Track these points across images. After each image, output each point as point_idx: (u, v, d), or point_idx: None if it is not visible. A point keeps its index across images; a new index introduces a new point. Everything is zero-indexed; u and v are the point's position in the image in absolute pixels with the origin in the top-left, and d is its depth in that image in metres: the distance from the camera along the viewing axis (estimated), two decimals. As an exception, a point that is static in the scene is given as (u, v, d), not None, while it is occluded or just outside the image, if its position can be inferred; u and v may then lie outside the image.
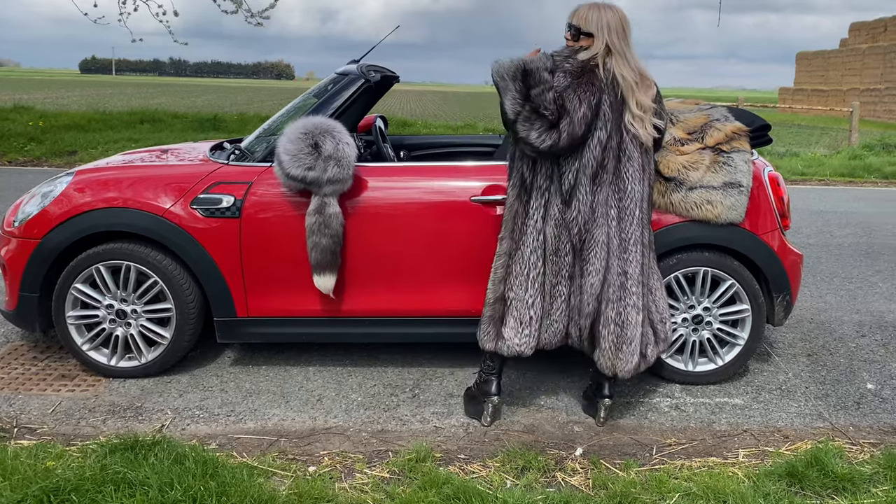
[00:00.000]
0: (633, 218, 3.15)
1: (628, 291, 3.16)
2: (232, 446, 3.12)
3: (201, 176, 3.65)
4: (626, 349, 3.17)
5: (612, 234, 3.14)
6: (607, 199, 3.12)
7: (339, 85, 3.83)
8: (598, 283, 3.15)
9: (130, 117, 16.18)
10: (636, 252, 3.17)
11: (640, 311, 3.19)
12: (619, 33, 3.08)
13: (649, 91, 3.13)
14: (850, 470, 2.94)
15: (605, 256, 3.14)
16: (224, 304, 3.65)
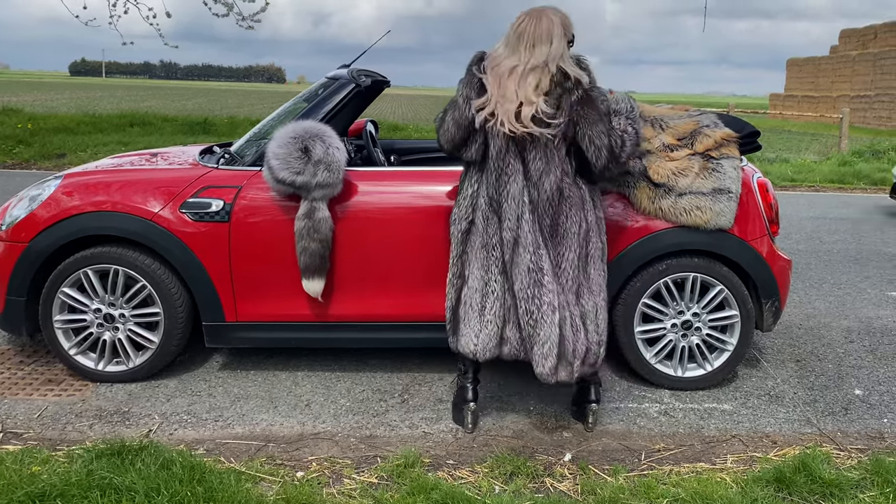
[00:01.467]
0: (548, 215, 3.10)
1: (544, 288, 3.08)
2: (220, 451, 3.11)
3: (190, 180, 3.64)
4: (538, 350, 3.10)
5: (527, 229, 3.08)
6: (522, 193, 3.08)
7: (330, 89, 3.83)
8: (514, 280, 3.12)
9: (120, 120, 16.14)
10: (552, 250, 3.12)
11: (555, 311, 3.08)
12: (508, 37, 3.09)
13: (524, 84, 3.00)
14: (838, 476, 2.95)
15: (513, 252, 3.10)
16: (212, 309, 3.64)
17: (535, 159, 3.06)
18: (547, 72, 3.01)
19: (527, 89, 2.99)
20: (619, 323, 3.75)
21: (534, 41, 3.02)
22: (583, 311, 3.17)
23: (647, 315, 3.77)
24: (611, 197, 3.67)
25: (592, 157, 3.06)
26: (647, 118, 3.93)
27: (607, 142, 3.05)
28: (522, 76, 3.00)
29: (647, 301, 3.74)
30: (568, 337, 3.11)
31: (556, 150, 3.07)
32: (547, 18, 3.05)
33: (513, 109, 2.98)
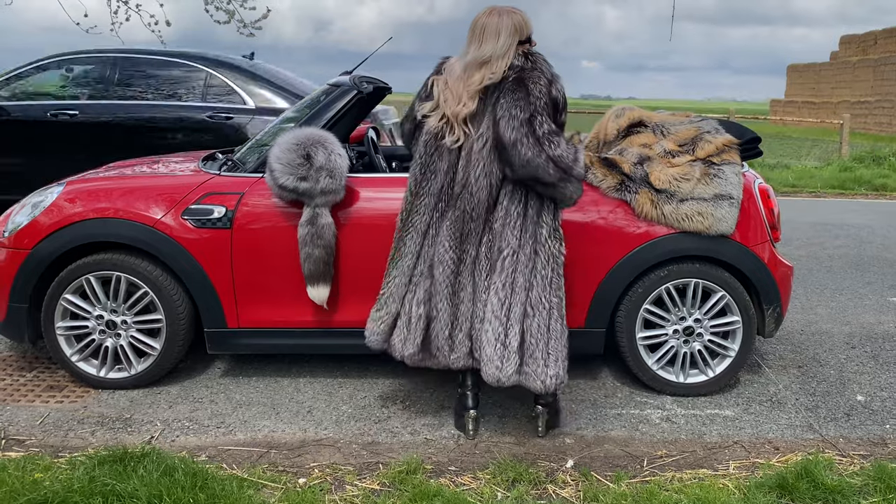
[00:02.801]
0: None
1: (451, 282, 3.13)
2: (222, 458, 3.11)
3: (193, 186, 3.65)
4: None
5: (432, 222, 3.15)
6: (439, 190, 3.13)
7: (332, 96, 3.84)
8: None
9: (122, 127, 16.16)
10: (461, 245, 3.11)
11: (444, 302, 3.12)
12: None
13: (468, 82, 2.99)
14: (840, 482, 2.95)
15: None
16: (214, 315, 3.64)
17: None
18: (489, 68, 2.95)
19: (468, 88, 2.96)
20: (621, 329, 3.75)
21: (483, 37, 2.97)
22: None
23: (649, 321, 3.77)
24: (612, 203, 3.67)
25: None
26: (649, 124, 3.95)
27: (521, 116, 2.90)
28: (468, 72, 2.98)
29: (649, 307, 3.74)
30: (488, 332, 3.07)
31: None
32: (499, 15, 3.00)
33: (456, 109, 2.99)
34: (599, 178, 3.69)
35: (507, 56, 2.97)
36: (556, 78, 3.01)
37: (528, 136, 2.90)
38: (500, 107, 2.93)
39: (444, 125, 3.04)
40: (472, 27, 3.02)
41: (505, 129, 2.91)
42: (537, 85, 2.93)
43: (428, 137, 3.09)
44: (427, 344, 3.17)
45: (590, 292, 3.71)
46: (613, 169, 3.71)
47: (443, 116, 3.03)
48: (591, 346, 3.80)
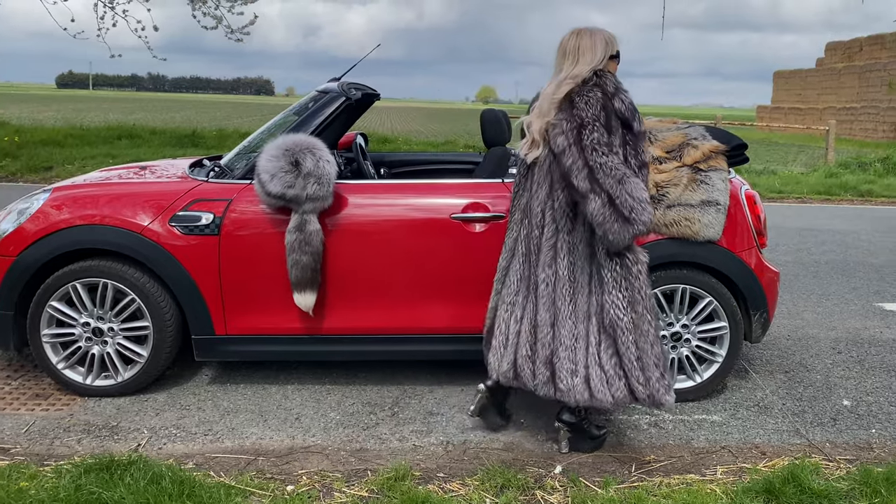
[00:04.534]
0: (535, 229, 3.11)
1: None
2: (209, 466, 3.09)
3: (180, 193, 3.64)
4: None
5: (521, 238, 3.17)
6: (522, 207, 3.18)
7: (320, 102, 3.84)
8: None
9: (108, 133, 16.06)
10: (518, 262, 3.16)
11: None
12: (555, 61, 3.09)
13: (538, 115, 3.03)
14: (827, 486, 2.96)
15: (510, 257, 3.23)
16: (202, 322, 3.63)
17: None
18: (577, 80, 2.96)
19: (553, 100, 2.97)
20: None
21: (579, 53, 2.99)
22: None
23: None
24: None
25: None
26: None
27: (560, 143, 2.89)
28: (560, 87, 2.97)
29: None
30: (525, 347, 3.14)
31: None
32: (590, 34, 3.03)
33: (541, 122, 3.02)
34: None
35: (600, 67, 3.00)
36: (619, 91, 2.94)
37: (574, 145, 2.87)
38: (557, 118, 2.95)
39: (530, 144, 3.07)
40: (564, 48, 3.03)
41: (555, 138, 2.92)
42: (585, 97, 2.90)
43: (519, 156, 3.17)
44: (517, 364, 3.15)
45: (578, 298, 3.71)
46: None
47: (531, 138, 3.06)
48: (580, 351, 3.80)
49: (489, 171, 3.84)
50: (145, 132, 16.34)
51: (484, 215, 3.64)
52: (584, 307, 3.05)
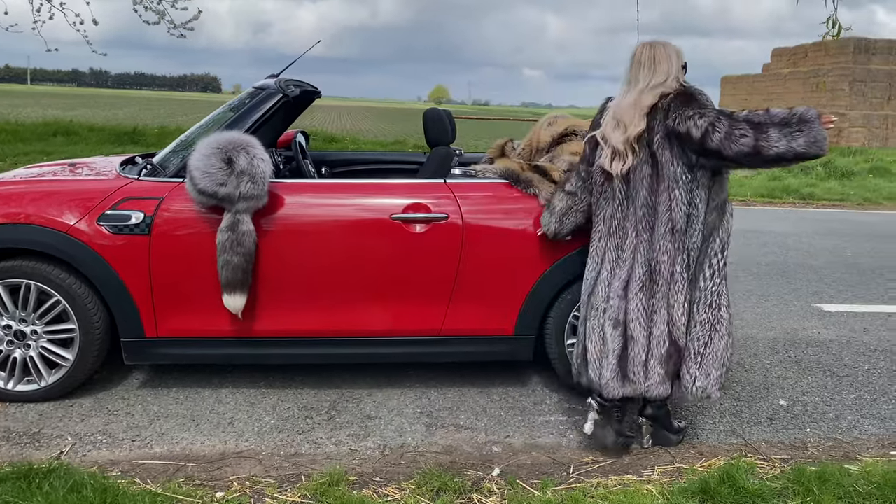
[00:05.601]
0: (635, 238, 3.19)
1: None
2: (136, 472, 2.98)
3: (109, 191, 3.52)
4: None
5: (607, 246, 3.27)
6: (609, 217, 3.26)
7: (256, 99, 3.75)
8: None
9: (44, 129, 15.60)
10: (630, 270, 3.19)
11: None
12: (628, 72, 3.21)
13: (616, 126, 3.14)
14: (761, 486, 2.98)
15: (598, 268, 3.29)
16: (132, 325, 3.51)
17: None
18: (664, 87, 3.10)
19: (640, 109, 3.10)
20: (551, 335, 3.75)
21: (656, 64, 3.13)
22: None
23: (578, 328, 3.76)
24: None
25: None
26: (580, 132, 3.96)
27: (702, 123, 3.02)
28: (643, 97, 3.11)
29: (578, 314, 3.73)
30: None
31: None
32: (663, 46, 3.17)
33: (630, 132, 3.13)
34: (532, 185, 3.68)
35: (679, 77, 3.14)
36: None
37: (725, 117, 3.04)
38: (678, 117, 3.03)
39: (612, 156, 3.15)
40: (639, 60, 3.15)
41: (693, 128, 3.01)
42: (699, 95, 3.10)
43: (597, 169, 3.24)
44: (624, 370, 3.17)
45: (520, 299, 3.69)
46: (545, 176, 3.71)
47: (612, 150, 3.15)
48: (521, 353, 3.78)
49: (432, 171, 3.79)
50: (83, 129, 15.91)
51: (425, 216, 3.59)
52: (685, 305, 3.16)
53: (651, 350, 3.15)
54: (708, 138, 2.99)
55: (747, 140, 2.98)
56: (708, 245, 3.17)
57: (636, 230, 3.15)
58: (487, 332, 3.72)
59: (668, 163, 3.07)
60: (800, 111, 3.05)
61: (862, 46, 30.75)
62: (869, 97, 30.51)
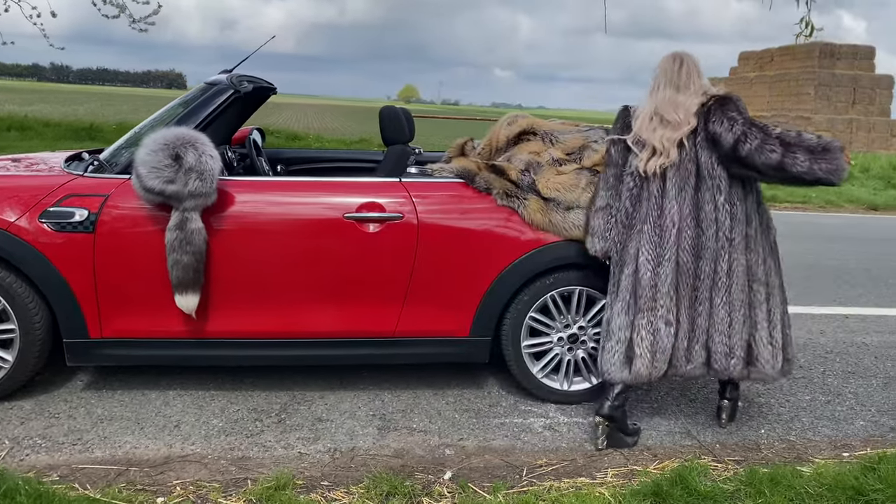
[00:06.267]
0: (678, 238, 3.30)
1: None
2: (75, 477, 2.89)
3: (52, 188, 3.41)
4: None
5: (647, 250, 3.32)
6: (647, 217, 3.33)
7: (207, 95, 3.66)
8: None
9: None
10: (671, 270, 3.29)
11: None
12: (659, 78, 3.36)
13: (660, 125, 3.28)
14: (713, 488, 2.97)
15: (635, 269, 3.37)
16: (75, 325, 3.41)
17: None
18: (706, 95, 3.31)
19: (689, 109, 3.30)
20: (507, 337, 3.71)
21: (695, 71, 3.35)
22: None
23: (534, 329, 3.74)
24: (499, 210, 3.62)
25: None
26: (539, 132, 3.93)
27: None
28: (689, 99, 3.30)
29: (535, 315, 3.71)
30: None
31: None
32: (690, 55, 3.39)
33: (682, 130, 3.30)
34: (488, 184, 3.65)
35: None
36: None
37: (758, 129, 3.21)
38: (717, 119, 3.22)
39: (652, 154, 3.29)
40: (679, 65, 3.34)
41: (726, 133, 3.20)
42: (736, 100, 3.30)
43: (632, 170, 3.36)
44: (672, 361, 3.34)
45: (475, 300, 3.65)
46: (501, 176, 3.67)
47: (652, 149, 3.29)
48: (477, 354, 3.74)
49: (388, 170, 3.74)
50: (39, 124, 15.55)
51: (379, 215, 3.53)
52: (741, 295, 3.34)
53: (696, 338, 3.33)
54: (739, 145, 3.17)
55: (775, 156, 3.16)
56: (745, 241, 3.35)
57: (678, 228, 3.26)
58: (442, 334, 3.67)
59: (710, 162, 3.25)
60: (826, 140, 3.23)
61: (827, 51, 31.23)
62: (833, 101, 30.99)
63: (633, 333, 3.31)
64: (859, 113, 30.49)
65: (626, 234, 3.39)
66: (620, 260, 3.39)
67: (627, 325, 3.32)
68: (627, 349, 3.31)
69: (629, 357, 3.31)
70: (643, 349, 3.28)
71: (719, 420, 3.69)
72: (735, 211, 3.30)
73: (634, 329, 3.30)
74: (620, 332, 3.33)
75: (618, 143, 3.42)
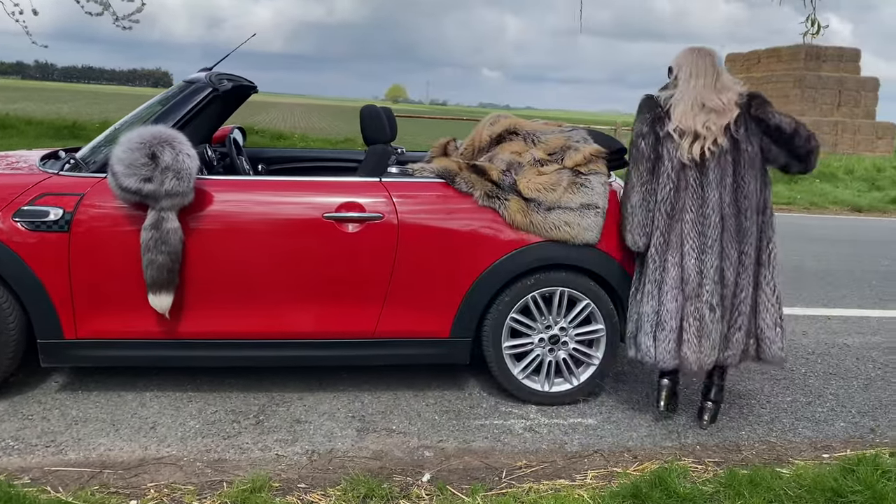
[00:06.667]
0: (719, 226, 3.41)
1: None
2: (47, 480, 2.85)
3: (26, 186, 3.36)
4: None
5: (691, 239, 3.40)
6: (690, 207, 3.41)
7: (185, 93, 3.62)
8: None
9: (-25, 122, 15.14)
10: (714, 256, 3.41)
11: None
12: (688, 69, 3.46)
13: (713, 114, 3.38)
14: (693, 489, 2.96)
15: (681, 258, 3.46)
16: (49, 325, 3.36)
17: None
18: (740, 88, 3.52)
19: (731, 99, 3.48)
20: (488, 338, 3.69)
21: (721, 65, 3.55)
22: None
23: (515, 330, 3.72)
24: (480, 210, 3.60)
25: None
26: (521, 132, 3.91)
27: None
28: (728, 93, 3.47)
29: (516, 316, 3.69)
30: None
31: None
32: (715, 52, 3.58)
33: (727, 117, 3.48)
34: (469, 185, 3.63)
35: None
36: None
37: (792, 118, 3.48)
38: (766, 113, 3.44)
39: (694, 141, 3.38)
40: (711, 60, 3.50)
41: (784, 125, 3.42)
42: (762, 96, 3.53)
43: (672, 161, 3.41)
44: (720, 345, 3.48)
45: (456, 301, 3.63)
46: (482, 176, 3.65)
47: (694, 136, 3.38)
48: (457, 355, 3.72)
49: (368, 170, 3.71)
50: (20, 122, 15.41)
51: (359, 215, 3.51)
52: (763, 280, 3.52)
53: (737, 325, 3.46)
54: (796, 136, 3.39)
55: (813, 144, 3.44)
56: (768, 226, 3.54)
57: (720, 215, 3.37)
58: (423, 335, 3.65)
59: (751, 150, 3.40)
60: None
61: (813, 54, 31.38)
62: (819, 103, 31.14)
63: (682, 321, 3.41)
64: (845, 115, 30.65)
65: (668, 225, 3.44)
66: (664, 250, 3.46)
67: (677, 312, 3.41)
68: (678, 336, 3.41)
69: (679, 343, 3.42)
70: (690, 335, 3.40)
71: (700, 421, 3.69)
72: (768, 197, 3.49)
73: (684, 316, 3.41)
74: (672, 320, 3.42)
75: (648, 136, 3.44)
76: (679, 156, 3.37)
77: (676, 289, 3.42)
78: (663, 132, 3.41)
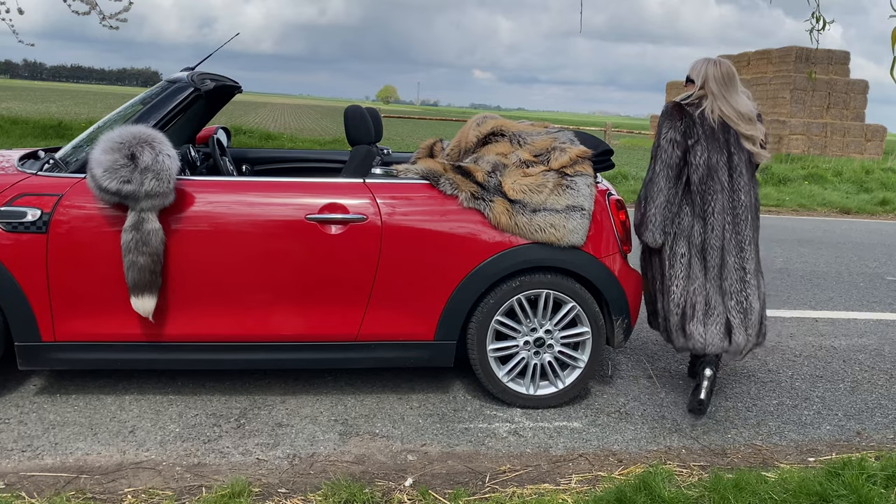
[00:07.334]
0: (747, 223, 3.72)
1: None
2: (22, 485, 2.81)
3: (4, 187, 3.32)
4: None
5: (728, 237, 3.69)
6: (723, 208, 3.68)
7: (167, 93, 3.58)
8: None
9: (-42, 121, 15.01)
10: (751, 251, 3.74)
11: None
12: (717, 81, 3.73)
13: (750, 123, 3.73)
14: (677, 493, 2.94)
15: (721, 255, 3.73)
16: (27, 328, 3.32)
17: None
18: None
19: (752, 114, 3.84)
20: (472, 341, 3.66)
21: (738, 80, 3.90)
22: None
23: (500, 333, 3.69)
24: (465, 212, 3.57)
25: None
26: (507, 133, 3.88)
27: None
28: (748, 109, 3.79)
29: (501, 318, 3.66)
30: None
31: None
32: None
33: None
34: (454, 186, 3.60)
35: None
36: None
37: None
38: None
39: (753, 145, 3.76)
40: (735, 75, 3.79)
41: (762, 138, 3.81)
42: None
43: (702, 165, 3.68)
44: (758, 332, 3.82)
45: (440, 304, 3.60)
46: (467, 177, 3.62)
47: (754, 143, 3.77)
48: (442, 358, 3.68)
49: (352, 171, 3.68)
50: (5, 122, 15.27)
51: (342, 217, 3.47)
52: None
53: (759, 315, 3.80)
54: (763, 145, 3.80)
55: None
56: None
57: (746, 217, 3.71)
58: (407, 337, 3.62)
59: (754, 160, 3.76)
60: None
61: (803, 56, 31.51)
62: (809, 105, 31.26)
63: (727, 311, 3.70)
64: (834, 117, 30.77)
65: (704, 226, 3.70)
66: (702, 249, 3.72)
67: (721, 303, 3.70)
68: (727, 323, 3.70)
69: (728, 330, 3.70)
70: (737, 322, 3.71)
71: (695, 399, 3.74)
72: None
73: (728, 308, 3.71)
74: (718, 307, 3.70)
75: (679, 143, 3.68)
76: (708, 160, 3.66)
77: (719, 283, 3.72)
78: (692, 139, 3.66)
